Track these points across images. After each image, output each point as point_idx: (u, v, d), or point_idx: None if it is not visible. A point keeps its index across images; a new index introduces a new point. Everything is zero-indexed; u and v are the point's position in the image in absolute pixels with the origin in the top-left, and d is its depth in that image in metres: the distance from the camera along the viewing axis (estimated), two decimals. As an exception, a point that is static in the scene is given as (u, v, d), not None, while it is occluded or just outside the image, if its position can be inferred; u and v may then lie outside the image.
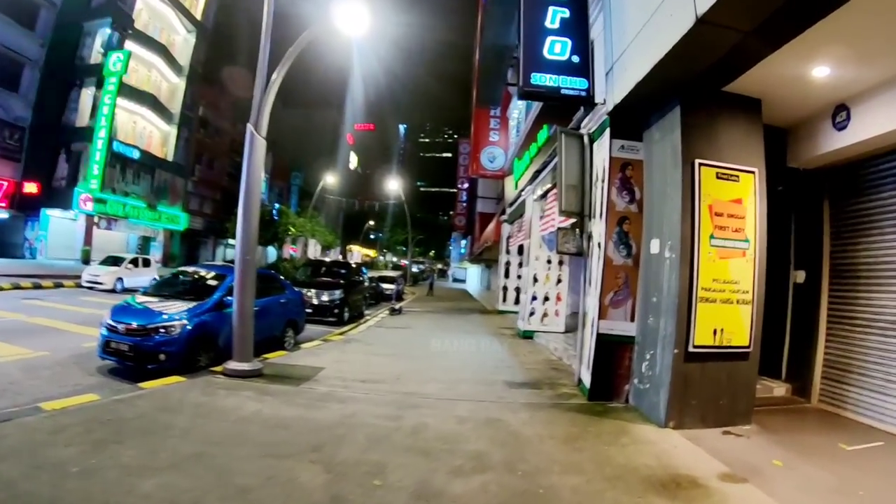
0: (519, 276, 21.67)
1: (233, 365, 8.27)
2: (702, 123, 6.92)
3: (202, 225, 46.00)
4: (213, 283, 10.43)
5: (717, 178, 6.79)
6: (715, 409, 6.80)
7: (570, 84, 8.46)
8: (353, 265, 21.25)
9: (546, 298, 14.74)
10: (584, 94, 8.47)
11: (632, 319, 7.71)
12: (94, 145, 33.53)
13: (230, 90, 46.26)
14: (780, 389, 8.54)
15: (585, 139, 8.81)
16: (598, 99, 8.32)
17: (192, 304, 9.38)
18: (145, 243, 41.11)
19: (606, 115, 8.01)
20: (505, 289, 21.98)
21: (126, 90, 35.44)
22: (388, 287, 30.89)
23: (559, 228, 9.02)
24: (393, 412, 6.68)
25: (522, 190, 16.55)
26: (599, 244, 7.90)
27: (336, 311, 17.18)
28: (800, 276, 8.66)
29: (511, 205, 20.36)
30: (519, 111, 20.88)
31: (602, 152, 8.16)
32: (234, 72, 44.98)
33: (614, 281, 7.68)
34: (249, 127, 8.92)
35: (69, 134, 34.88)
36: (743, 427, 6.78)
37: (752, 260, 6.86)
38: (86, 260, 32.12)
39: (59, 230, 33.70)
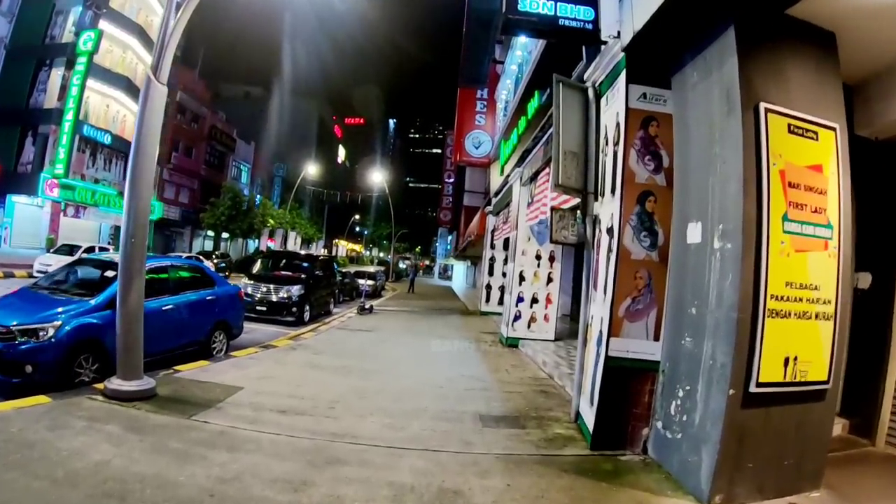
0: (504, 274, 19.30)
1: (115, 383, 6.04)
2: (765, 56, 4.58)
3: (178, 215, 43.33)
4: (111, 274, 8.03)
5: (790, 132, 4.45)
6: (777, 471, 4.54)
7: (571, 13, 6.10)
8: (320, 258, 18.75)
9: (534, 300, 12.37)
10: (589, 27, 6.13)
11: (656, 338, 5.31)
12: (61, 128, 31.00)
13: (209, 75, 43.73)
14: (835, 426, 6.19)
15: (590, 93, 6.42)
16: (607, 33, 5.95)
17: (77, 302, 7.21)
18: (118, 232, 38.41)
19: (621, 54, 5.63)
20: (489, 288, 19.50)
21: (98, 72, 33.10)
22: (366, 283, 28.48)
23: (553, 210, 6.54)
24: (299, 473, 4.35)
25: (509, 175, 14.16)
26: (611, 231, 5.50)
27: (294, 309, 14.75)
28: (864, 280, 6.28)
29: (496, 194, 17.96)
30: (507, 91, 18.49)
31: (614, 107, 5.78)
32: (214, 56, 42.50)
33: (632, 283, 5.27)
34: (147, 72, 6.53)
35: (36, 116, 32.40)
36: (811, 495, 4.57)
37: (836, 255, 4.54)
38: (50, 249, 29.54)
39: (24, 217, 31.35)
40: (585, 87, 6.52)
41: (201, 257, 29.20)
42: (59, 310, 6.91)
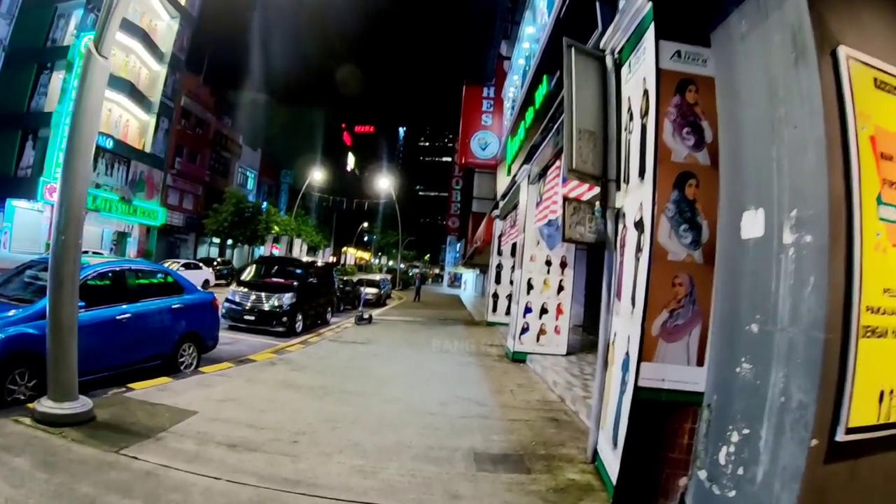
0: (512, 282, 18.14)
1: (44, 405, 5.10)
2: (836, -7, 3.43)
3: (182, 221, 42.38)
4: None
5: (877, 87, 3.28)
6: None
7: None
8: (316, 264, 17.63)
9: (543, 311, 11.19)
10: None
11: (699, 362, 4.10)
12: (58, 131, 30.11)
13: (216, 82, 42.99)
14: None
15: (608, 61, 5.31)
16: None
17: (13, 308, 6.24)
18: (121, 239, 37.73)
19: (648, 5, 4.48)
20: (496, 296, 18.33)
21: None
22: (369, 291, 27.38)
23: (567, 201, 5.32)
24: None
25: (516, 174, 13.01)
26: (640, 224, 4.33)
27: (285, 318, 13.64)
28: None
29: (503, 196, 16.82)
30: (514, 88, 17.37)
31: (640, 72, 4.64)
32: (219, 61, 41.79)
33: (669, 291, 4.06)
34: (87, 43, 5.49)
35: (36, 120, 31.69)
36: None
37: (942, 251, 3.34)
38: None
39: (24, 222, 30.53)
40: (602, 54, 5.39)
41: (201, 263, 28.25)
42: (-7, 317, 5.90)
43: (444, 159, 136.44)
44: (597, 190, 5.39)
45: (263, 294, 13.94)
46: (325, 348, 11.57)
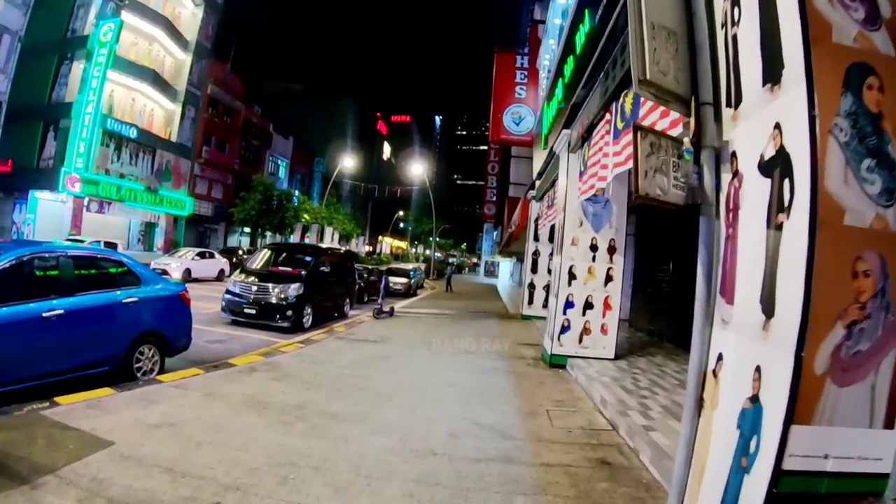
0: (549, 271, 16.14)
1: None
2: None
3: (211, 210, 41.43)
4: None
5: None
6: None
7: None
8: (332, 251, 15.84)
9: (588, 305, 9.20)
10: None
11: (889, 423, 2.16)
12: (79, 121, 29.71)
13: (243, 68, 41.77)
14: None
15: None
16: None
17: None
18: (149, 229, 37.00)
19: None
20: (531, 287, 16.32)
21: (123, 64, 31.92)
22: (398, 281, 25.66)
23: (638, 130, 3.24)
24: None
25: (554, 144, 11.01)
26: (768, 167, 2.39)
27: (290, 312, 11.92)
28: None
29: (539, 175, 14.82)
30: (550, 55, 15.33)
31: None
32: (248, 49, 40.54)
33: (847, 286, 2.11)
34: None
35: (57, 110, 31.11)
36: None
37: None
38: (68, 244, 28.03)
39: (48, 213, 29.91)
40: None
41: (215, 252, 26.85)
42: None
43: (481, 147, 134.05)
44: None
45: (267, 284, 12.28)
46: (327, 348, 9.80)
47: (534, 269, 16.10)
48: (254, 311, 12.00)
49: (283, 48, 69.57)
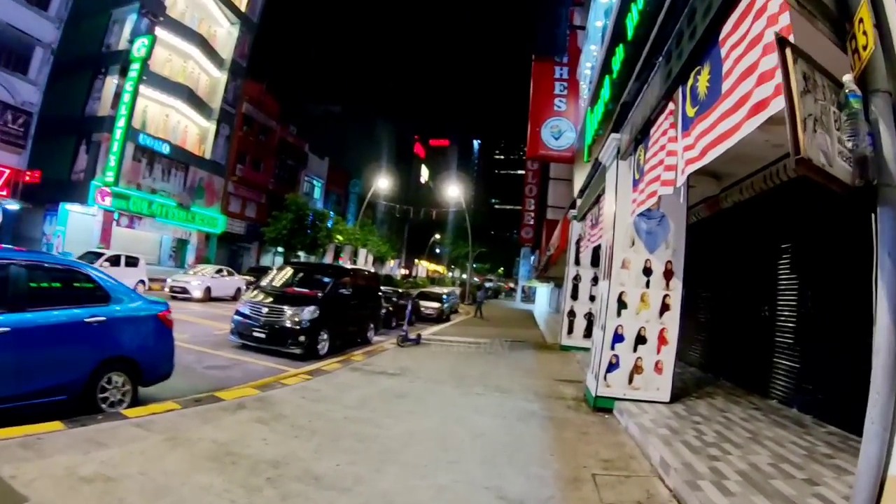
0: (592, 298, 14.66)
1: None
2: None
3: (244, 229, 40.97)
4: None
5: None
6: None
7: None
8: (354, 272, 14.62)
9: (640, 339, 7.79)
10: None
11: None
12: (112, 135, 29.46)
13: (279, 88, 41.55)
14: None
15: None
16: None
17: None
18: (180, 246, 36.63)
19: None
20: (572, 315, 14.83)
21: (157, 80, 32.00)
22: (429, 306, 24.41)
23: (786, 44, 1.92)
24: None
25: (599, 153, 9.69)
26: None
27: (302, 338, 10.81)
28: None
29: (581, 192, 13.47)
30: (593, 62, 14.07)
31: None
32: (285, 69, 40.37)
33: None
34: None
35: (90, 124, 31.13)
36: None
37: None
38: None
39: (78, 226, 29.84)
40: None
41: (232, 270, 25.96)
42: None
43: (519, 172, 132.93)
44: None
45: (279, 306, 11.20)
46: (336, 381, 8.55)
47: (574, 296, 14.66)
48: (263, 336, 10.92)
49: (321, 69, 69.79)
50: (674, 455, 5.42)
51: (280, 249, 40.59)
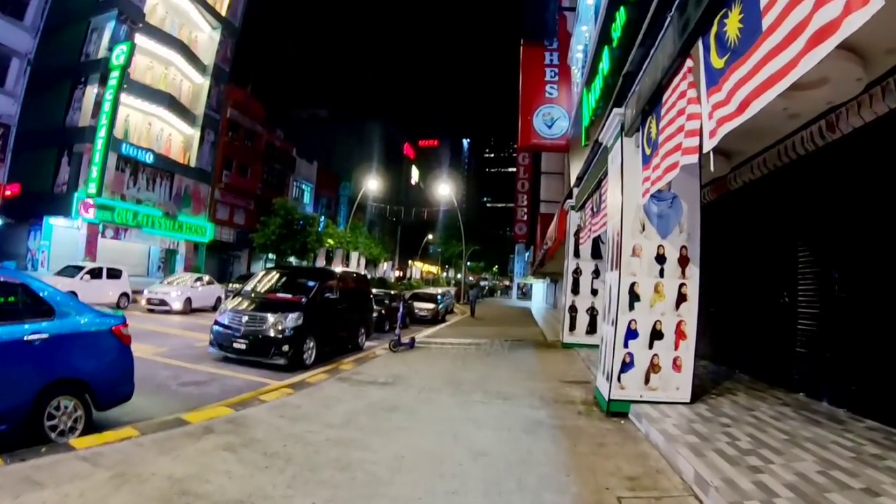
0: (594, 292, 13.85)
1: None
2: None
3: (233, 237, 40.01)
4: None
5: None
6: None
7: None
8: (341, 274, 13.68)
9: (656, 335, 6.96)
10: None
11: None
12: (93, 146, 28.55)
13: (264, 92, 40.64)
14: None
15: None
16: None
17: None
18: (169, 256, 35.62)
19: None
20: (573, 311, 13.97)
21: (138, 88, 31.05)
22: (423, 307, 23.51)
23: None
24: None
25: (600, 133, 8.85)
26: None
27: (286, 347, 9.91)
28: None
29: (579, 180, 12.64)
30: (584, 44, 13.24)
31: None
32: (269, 73, 39.44)
33: None
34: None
35: (71, 135, 30.14)
36: None
37: None
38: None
39: (63, 240, 28.92)
40: None
41: (213, 279, 24.18)
42: None
43: (510, 170, 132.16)
44: None
45: (260, 314, 10.31)
46: (321, 395, 7.67)
47: (575, 290, 13.82)
48: (244, 346, 10.04)
49: (307, 72, 68.88)
50: (710, 469, 4.59)
51: (271, 256, 39.67)
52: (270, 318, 10.15)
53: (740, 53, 3.68)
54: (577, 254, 13.77)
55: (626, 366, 6.93)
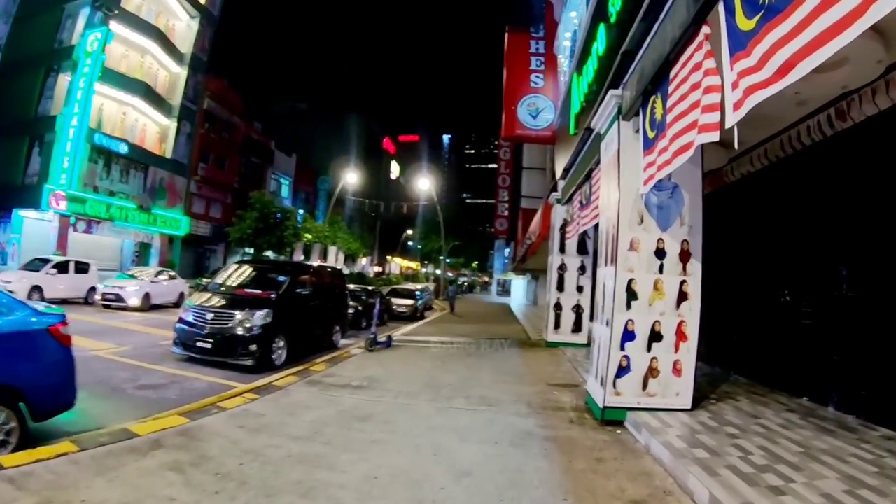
0: (580, 289, 13.26)
1: None
2: None
3: (209, 231, 38.89)
4: None
5: None
6: None
7: None
8: (314, 269, 12.81)
9: (654, 336, 6.33)
10: None
11: None
12: (64, 135, 27.28)
13: (243, 83, 39.53)
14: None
15: None
16: None
17: None
18: (143, 250, 34.45)
19: None
20: (558, 308, 13.33)
21: (112, 76, 29.65)
22: (401, 304, 22.80)
23: None
24: None
25: (591, 121, 8.19)
26: None
27: (254, 346, 9.16)
28: None
29: (566, 171, 12.01)
30: (573, 31, 12.61)
31: None
32: (248, 64, 38.36)
33: None
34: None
35: (43, 124, 28.89)
36: None
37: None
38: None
39: (34, 233, 27.57)
40: None
41: (176, 274, 22.82)
42: None
43: (491, 166, 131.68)
44: None
45: (226, 311, 9.53)
46: (287, 401, 6.93)
47: (560, 287, 13.18)
48: (209, 346, 9.26)
49: (286, 65, 67.52)
50: (727, 490, 4.00)
51: (249, 250, 38.68)
52: (237, 315, 9.38)
53: (777, 10, 3.04)
54: (562, 249, 13.14)
55: (623, 370, 6.30)
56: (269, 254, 35.50)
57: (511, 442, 5.57)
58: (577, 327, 13.11)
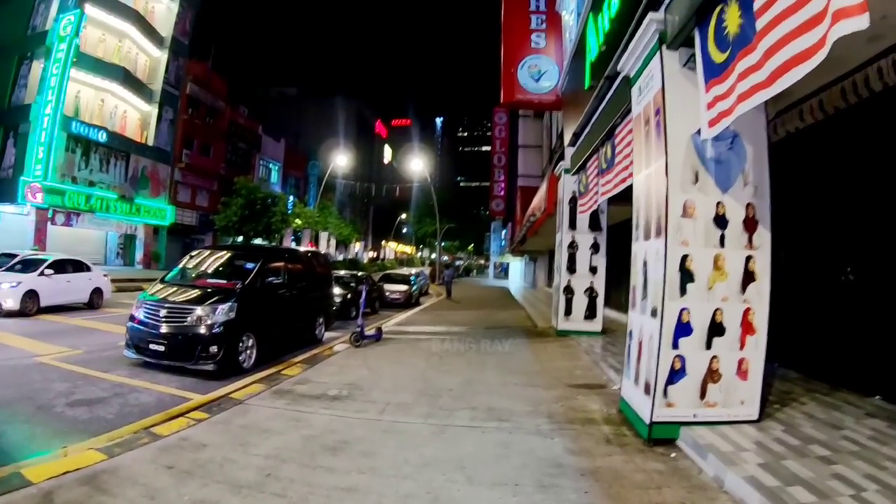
0: (593, 269, 11.73)
1: None
2: None
3: (196, 219, 37.16)
4: None
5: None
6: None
7: None
8: (289, 253, 11.12)
9: (715, 329, 4.80)
10: None
11: None
12: (38, 125, 25.73)
13: (226, 67, 37.67)
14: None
15: None
16: None
17: None
18: (128, 242, 32.87)
19: None
20: (569, 292, 11.71)
21: (89, 62, 28.18)
22: (395, 290, 21.17)
23: None
24: None
25: (617, 63, 6.57)
26: None
27: (214, 348, 7.54)
28: None
29: (576, 136, 10.41)
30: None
31: None
32: (231, 47, 36.50)
33: None
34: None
35: (17, 114, 27.28)
36: None
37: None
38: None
39: (11, 228, 26.08)
40: None
41: (86, 262, 18.74)
42: None
43: (484, 148, 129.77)
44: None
45: (183, 307, 7.93)
46: (241, 424, 5.32)
47: (571, 268, 11.60)
48: (162, 348, 7.68)
49: (273, 48, 65.60)
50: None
51: (240, 239, 37.10)
52: (195, 310, 7.77)
53: None
54: (572, 225, 11.51)
55: (676, 374, 4.76)
56: (258, 241, 33.97)
57: (537, 482, 3.99)
58: (590, 313, 11.56)
